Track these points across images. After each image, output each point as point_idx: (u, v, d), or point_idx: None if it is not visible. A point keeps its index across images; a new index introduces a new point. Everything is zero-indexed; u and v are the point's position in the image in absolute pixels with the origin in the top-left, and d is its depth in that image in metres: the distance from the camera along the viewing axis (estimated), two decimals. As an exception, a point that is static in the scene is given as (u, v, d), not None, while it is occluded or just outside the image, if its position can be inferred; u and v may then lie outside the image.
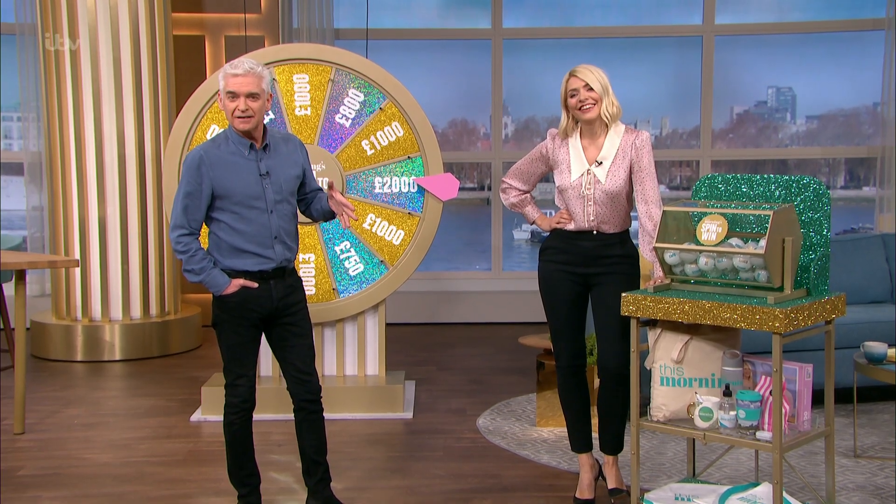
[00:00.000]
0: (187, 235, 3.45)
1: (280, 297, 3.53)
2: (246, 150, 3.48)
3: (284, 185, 3.52)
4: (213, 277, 3.45)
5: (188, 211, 3.44)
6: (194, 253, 3.44)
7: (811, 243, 3.39)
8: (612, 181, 3.65)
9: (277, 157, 3.54)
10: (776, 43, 8.28)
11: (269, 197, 3.47)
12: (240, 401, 3.53)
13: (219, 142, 3.50)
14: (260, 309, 3.50)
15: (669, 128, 8.61)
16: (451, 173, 5.19)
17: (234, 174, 3.44)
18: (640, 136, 3.67)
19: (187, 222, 3.44)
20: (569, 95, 3.64)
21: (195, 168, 3.42)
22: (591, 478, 3.87)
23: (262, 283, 3.49)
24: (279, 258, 3.51)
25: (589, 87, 3.60)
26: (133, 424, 5.07)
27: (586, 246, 3.72)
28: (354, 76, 5.13)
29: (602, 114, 3.62)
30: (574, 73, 3.63)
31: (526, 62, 8.28)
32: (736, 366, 3.42)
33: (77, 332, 6.64)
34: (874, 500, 3.84)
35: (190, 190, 3.42)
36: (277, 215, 3.50)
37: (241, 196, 3.44)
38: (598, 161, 3.66)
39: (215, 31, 7.75)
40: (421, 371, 6.19)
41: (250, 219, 3.45)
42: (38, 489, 4.07)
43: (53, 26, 6.57)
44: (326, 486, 3.69)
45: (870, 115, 8.38)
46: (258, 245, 3.47)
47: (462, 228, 9.03)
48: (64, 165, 6.65)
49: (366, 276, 5.21)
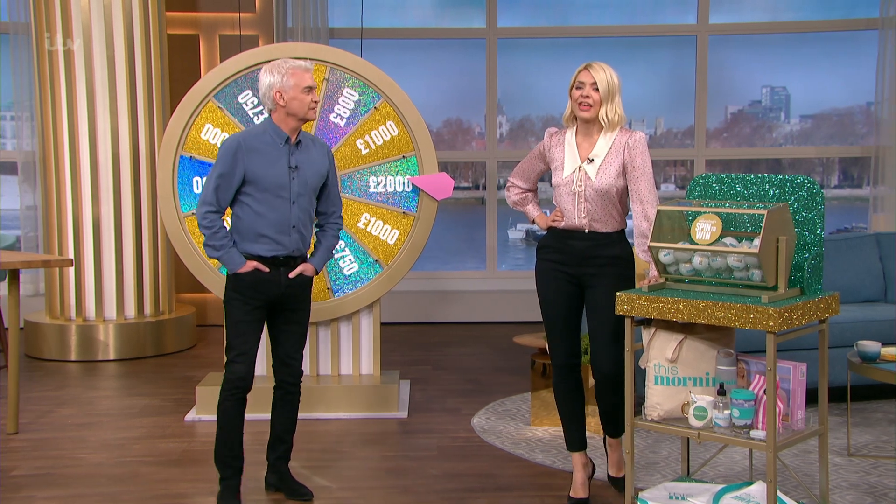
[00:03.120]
0: (214, 213, 3.72)
1: (288, 284, 3.78)
2: (282, 142, 3.75)
3: (309, 180, 3.80)
4: (232, 256, 3.73)
5: (219, 191, 3.71)
6: (217, 230, 3.72)
7: (805, 242, 3.39)
8: (602, 179, 3.65)
9: (307, 154, 3.82)
10: (770, 42, 8.30)
11: (293, 189, 3.75)
12: (236, 377, 3.73)
13: (258, 131, 3.79)
14: (268, 292, 3.76)
15: (664, 127, 8.62)
16: (445, 173, 5.19)
17: (266, 163, 3.72)
18: (633, 135, 3.67)
19: (216, 201, 3.72)
20: (575, 86, 3.65)
21: (232, 152, 3.70)
22: (584, 476, 3.87)
23: (273, 269, 3.75)
24: (292, 246, 3.77)
25: (595, 87, 3.62)
26: (127, 424, 5.06)
27: (578, 245, 3.72)
28: (349, 75, 5.12)
29: (600, 117, 3.65)
30: (588, 67, 3.64)
31: (521, 62, 8.29)
32: (730, 365, 3.42)
33: (71, 331, 6.63)
34: (867, 499, 3.84)
35: (224, 171, 3.70)
36: (298, 207, 3.77)
37: (270, 184, 3.71)
38: (589, 158, 3.68)
39: (209, 31, 7.74)
40: (416, 370, 6.19)
41: (274, 206, 3.72)
42: (32, 489, 4.06)
43: (47, 25, 6.56)
44: (284, 463, 3.98)
45: (863, 114, 8.40)
46: (277, 231, 3.74)
47: (457, 228, 9.03)
48: (58, 165, 6.64)
49: (360, 276, 5.21)
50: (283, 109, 3.72)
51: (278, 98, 3.71)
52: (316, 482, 4.12)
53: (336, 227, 3.98)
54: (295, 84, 3.70)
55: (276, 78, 3.70)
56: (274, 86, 3.70)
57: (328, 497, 3.96)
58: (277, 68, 3.72)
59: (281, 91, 3.70)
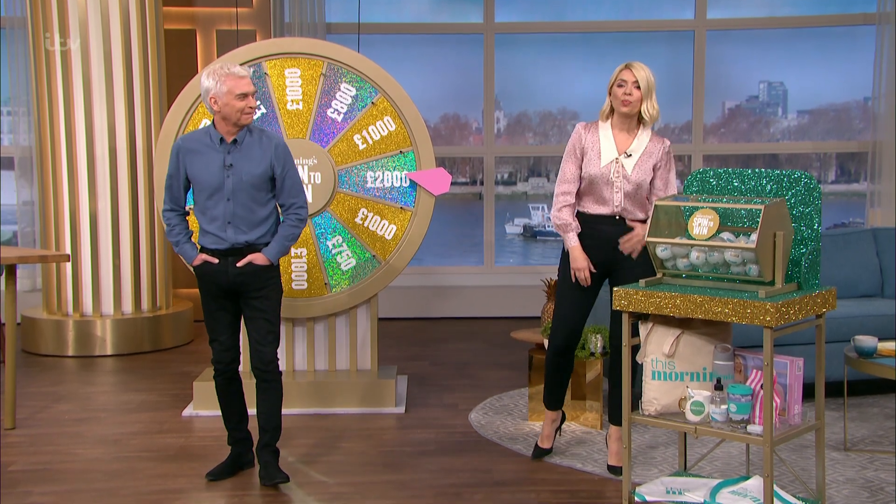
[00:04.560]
0: (169, 211, 4.04)
1: (236, 273, 3.93)
2: (217, 142, 3.91)
3: (246, 177, 3.91)
4: (184, 250, 4.03)
5: (171, 190, 4.01)
6: (173, 227, 4.04)
7: (802, 237, 3.39)
8: (638, 174, 3.98)
9: (247, 152, 3.92)
10: (768, 38, 8.29)
11: (227, 186, 3.90)
12: (213, 360, 4.08)
13: (199, 134, 4.00)
14: (218, 281, 3.97)
15: (661, 122, 8.61)
16: (443, 168, 5.19)
17: (202, 163, 3.92)
18: (665, 142, 4.05)
19: (170, 200, 4.02)
20: (616, 84, 3.94)
21: (174, 154, 3.98)
22: (551, 430, 4.34)
23: (222, 259, 3.95)
24: (231, 240, 3.94)
25: (637, 85, 3.92)
26: (124, 419, 5.06)
27: (608, 231, 4.01)
28: (346, 70, 5.12)
29: (642, 111, 3.96)
30: (629, 66, 3.94)
31: (518, 57, 8.27)
32: (727, 360, 3.43)
33: (68, 327, 6.62)
34: (864, 493, 3.85)
35: (170, 173, 4.00)
36: (234, 203, 3.91)
37: (205, 183, 3.92)
38: (627, 153, 3.98)
39: (206, 25, 7.73)
40: (413, 366, 6.19)
41: (212, 203, 3.92)
42: (29, 484, 4.06)
43: (44, 20, 6.54)
44: (268, 452, 4.05)
45: (861, 109, 8.40)
46: (216, 227, 3.94)
47: (454, 223, 9.02)
48: (54, 160, 6.63)
49: (358, 271, 5.21)
50: (218, 114, 3.87)
51: (213, 103, 3.86)
52: (313, 477, 4.12)
53: (295, 217, 4.00)
54: (228, 90, 3.82)
55: (211, 83, 3.84)
56: (209, 91, 3.84)
57: (325, 492, 3.97)
58: (214, 74, 3.84)
59: (215, 97, 3.84)
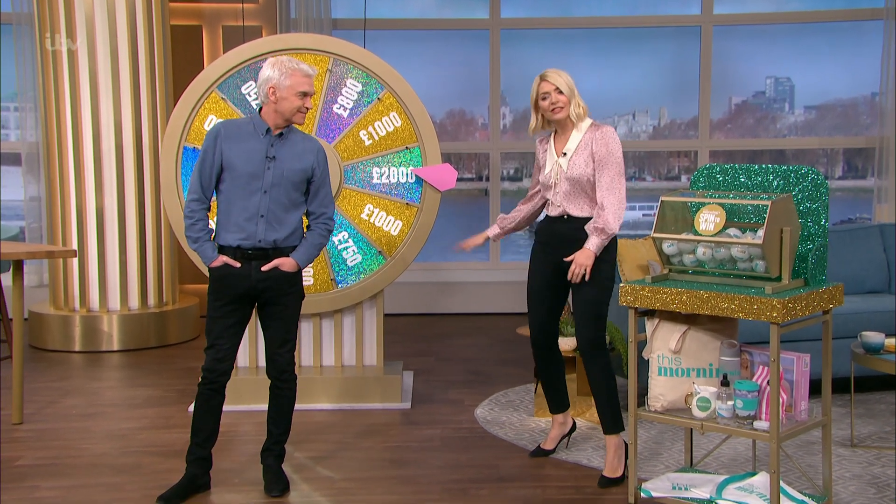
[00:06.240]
0: (196, 202, 3.77)
1: (260, 278, 3.76)
2: (262, 132, 3.77)
3: (287, 172, 3.76)
4: (204, 249, 3.78)
5: (200, 175, 3.76)
6: (196, 221, 3.77)
7: (809, 233, 3.39)
8: (573, 169, 3.97)
9: (290, 147, 3.80)
10: (775, 33, 8.27)
11: (267, 178, 3.73)
12: (205, 368, 3.80)
13: (242, 121, 3.86)
14: (236, 286, 3.76)
15: (668, 118, 8.60)
16: (449, 164, 5.19)
17: (242, 150, 3.74)
18: (601, 129, 3.98)
19: (199, 187, 3.76)
20: (540, 98, 3.99)
21: (212, 137, 3.76)
22: (557, 434, 4.30)
23: (244, 263, 3.75)
24: (259, 236, 3.74)
25: (559, 91, 3.95)
26: (131, 415, 5.07)
27: (559, 228, 4.08)
28: (352, 66, 5.12)
29: (570, 114, 3.98)
30: (545, 77, 3.98)
31: (524, 53, 8.26)
32: (733, 356, 3.42)
33: (75, 322, 6.64)
34: (870, 490, 3.85)
35: (204, 156, 3.76)
36: (271, 197, 3.74)
37: (243, 171, 3.73)
38: (563, 153, 4.02)
39: (213, 21, 7.73)
40: (419, 361, 6.19)
41: (245, 194, 3.73)
42: (36, 479, 4.08)
43: (50, 15, 6.55)
44: (270, 455, 3.95)
45: (868, 105, 8.37)
46: (244, 219, 3.73)
47: (460, 219, 9.01)
48: (61, 155, 6.64)
49: (364, 267, 5.21)
50: (272, 105, 3.74)
51: (271, 93, 3.73)
52: (319, 472, 4.13)
53: (324, 227, 3.89)
54: (291, 85, 3.72)
55: (274, 73, 3.72)
56: (271, 80, 3.72)
57: (331, 487, 3.97)
58: (280, 65, 3.73)
59: (275, 87, 3.72)
